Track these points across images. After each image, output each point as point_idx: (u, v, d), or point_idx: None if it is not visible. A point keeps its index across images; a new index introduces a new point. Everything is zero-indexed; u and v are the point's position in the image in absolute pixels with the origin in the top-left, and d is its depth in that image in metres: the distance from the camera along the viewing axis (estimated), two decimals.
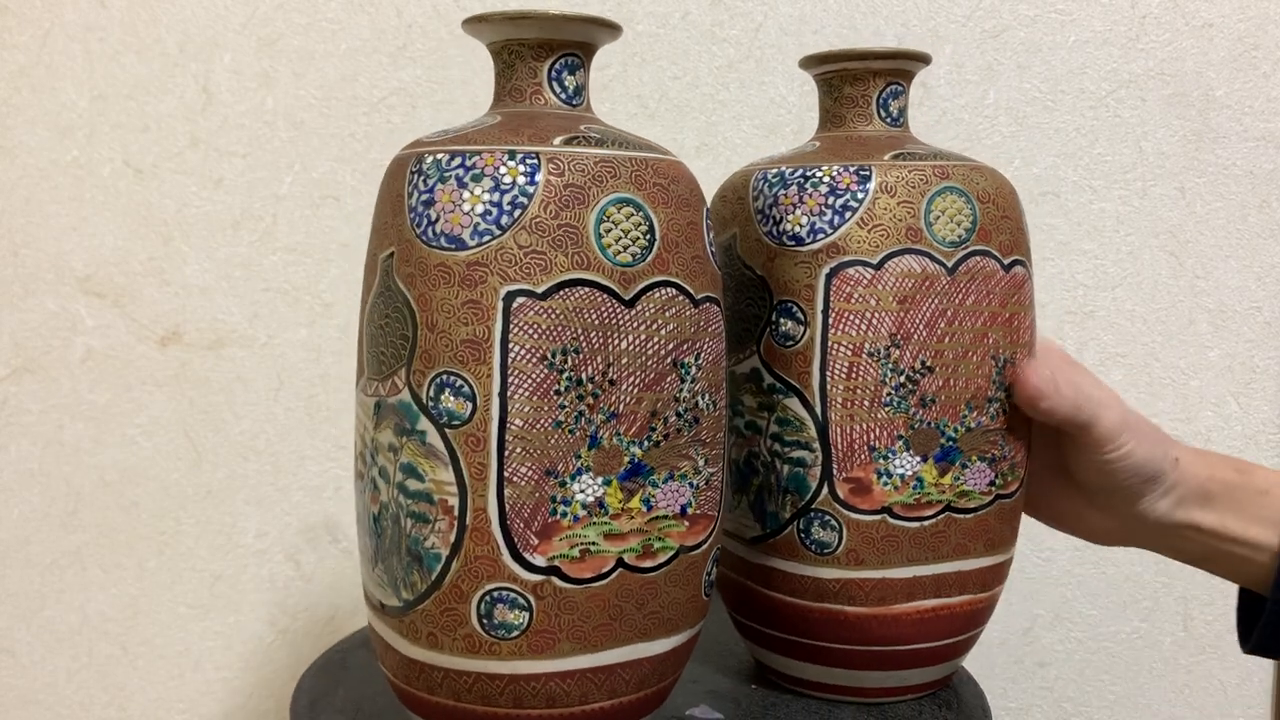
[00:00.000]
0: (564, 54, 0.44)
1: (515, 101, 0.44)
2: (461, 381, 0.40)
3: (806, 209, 0.48)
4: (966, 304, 0.48)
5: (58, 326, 0.71)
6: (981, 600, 0.51)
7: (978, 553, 0.50)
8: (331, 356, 0.74)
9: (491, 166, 0.40)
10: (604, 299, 0.40)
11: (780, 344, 0.49)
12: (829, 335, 0.48)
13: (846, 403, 0.48)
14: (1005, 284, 0.49)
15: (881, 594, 0.49)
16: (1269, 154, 0.80)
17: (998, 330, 0.49)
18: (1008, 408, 0.49)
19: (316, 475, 0.75)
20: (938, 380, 0.48)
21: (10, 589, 0.72)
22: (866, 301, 0.47)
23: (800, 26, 0.77)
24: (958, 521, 0.49)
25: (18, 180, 0.70)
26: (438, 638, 0.41)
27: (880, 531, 0.48)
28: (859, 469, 0.48)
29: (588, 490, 0.40)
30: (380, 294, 0.42)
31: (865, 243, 0.47)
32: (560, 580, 0.40)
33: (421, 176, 0.41)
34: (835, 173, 0.49)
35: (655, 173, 0.42)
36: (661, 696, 0.45)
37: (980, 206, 0.48)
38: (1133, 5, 0.79)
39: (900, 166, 0.48)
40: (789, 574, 0.50)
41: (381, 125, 0.73)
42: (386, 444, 0.42)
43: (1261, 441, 0.81)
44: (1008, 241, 0.49)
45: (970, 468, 0.49)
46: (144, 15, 0.70)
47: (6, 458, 0.71)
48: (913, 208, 0.48)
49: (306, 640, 0.76)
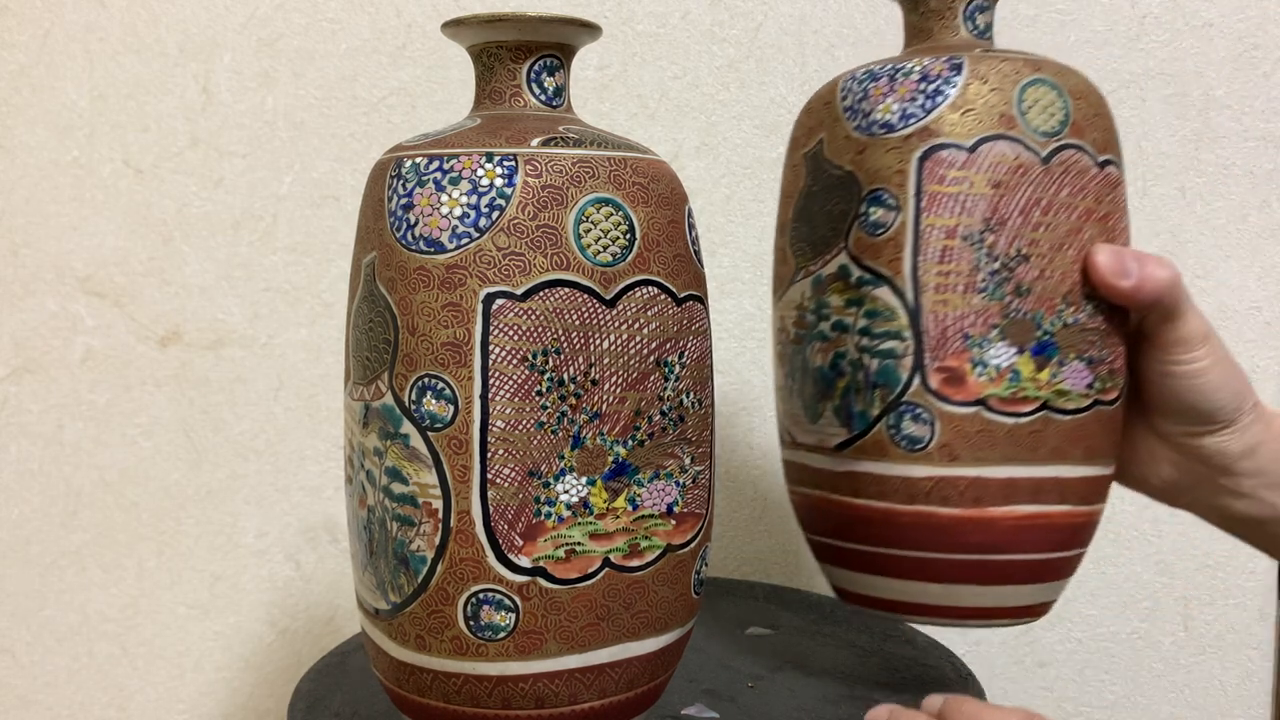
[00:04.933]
0: (542, 55, 0.44)
1: (495, 104, 0.45)
2: (443, 384, 0.40)
3: (898, 96, 0.48)
4: (1061, 195, 0.47)
5: (58, 326, 0.71)
6: (1081, 515, 0.49)
7: (1076, 459, 0.48)
8: (331, 356, 0.74)
9: (469, 169, 0.40)
10: (585, 299, 0.40)
11: (870, 234, 0.48)
12: (921, 219, 0.47)
13: (940, 288, 0.47)
14: (1100, 181, 0.48)
15: (977, 494, 0.47)
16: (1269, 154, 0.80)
17: (1093, 227, 0.48)
18: (1105, 309, 0.48)
19: (316, 475, 0.74)
20: (1033, 270, 0.47)
21: (10, 589, 0.72)
22: (961, 184, 0.47)
23: (800, 26, 0.77)
24: (1055, 422, 0.47)
25: (18, 180, 0.70)
26: (425, 640, 0.41)
27: (975, 425, 0.47)
28: (952, 358, 0.47)
29: (572, 491, 0.40)
30: (364, 298, 0.42)
31: (959, 126, 0.47)
32: (546, 581, 0.40)
33: (400, 181, 0.41)
34: (926, 64, 0.48)
35: (634, 172, 0.42)
36: (653, 696, 0.45)
37: (1073, 101, 0.48)
38: (1133, 5, 0.79)
39: (992, 57, 0.48)
40: (879, 476, 0.48)
41: (381, 125, 0.73)
42: (372, 448, 0.42)
43: None
44: (1101, 139, 0.48)
45: (1068, 365, 0.47)
46: (144, 15, 0.70)
47: (6, 458, 0.71)
48: (1005, 95, 0.47)
49: (306, 640, 0.76)
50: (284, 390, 0.74)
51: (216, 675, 0.75)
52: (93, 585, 0.73)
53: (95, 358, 0.72)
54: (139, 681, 0.74)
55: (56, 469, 0.72)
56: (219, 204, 0.72)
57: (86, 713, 0.74)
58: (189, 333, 0.72)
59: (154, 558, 0.74)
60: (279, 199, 0.73)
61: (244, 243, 0.72)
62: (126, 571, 0.73)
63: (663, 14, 0.75)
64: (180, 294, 0.72)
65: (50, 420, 0.72)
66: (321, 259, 0.73)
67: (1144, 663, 0.85)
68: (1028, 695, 0.85)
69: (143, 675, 0.74)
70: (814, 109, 0.52)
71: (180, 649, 0.74)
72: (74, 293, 0.71)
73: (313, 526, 0.75)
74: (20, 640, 0.73)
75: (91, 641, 0.74)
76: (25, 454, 0.72)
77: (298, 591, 0.75)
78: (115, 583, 0.73)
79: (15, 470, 0.72)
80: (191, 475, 0.73)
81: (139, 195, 0.71)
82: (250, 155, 0.72)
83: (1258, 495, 0.49)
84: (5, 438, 0.71)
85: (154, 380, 0.72)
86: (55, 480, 0.72)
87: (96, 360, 0.72)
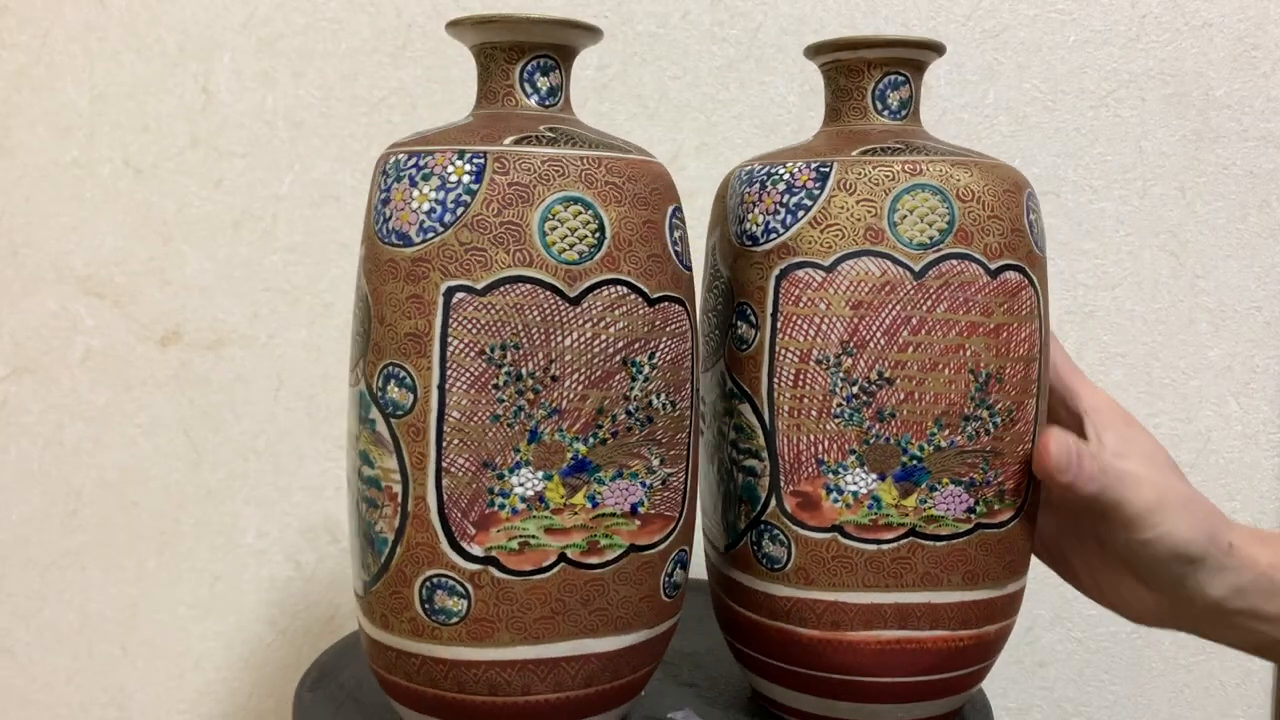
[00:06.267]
0: (536, 56, 0.44)
1: (489, 103, 0.45)
2: (405, 373, 0.41)
3: (763, 208, 0.46)
4: (938, 312, 0.44)
5: (58, 326, 0.71)
6: (964, 639, 0.46)
7: (954, 585, 0.45)
8: (331, 356, 0.74)
9: (440, 166, 0.41)
10: (546, 296, 0.40)
11: (737, 348, 0.47)
12: (776, 340, 0.45)
13: (793, 411, 0.45)
14: (991, 291, 0.44)
15: (835, 618, 0.45)
16: (1269, 154, 0.80)
17: (978, 342, 0.44)
18: (993, 428, 0.45)
19: (316, 475, 0.74)
20: (898, 393, 0.44)
21: (10, 589, 0.72)
22: (815, 305, 0.44)
23: (800, 26, 0.77)
24: (926, 548, 0.45)
25: (18, 180, 0.70)
26: (389, 619, 0.43)
27: (831, 551, 0.45)
28: (806, 482, 0.45)
29: (527, 484, 0.41)
30: (356, 289, 0.44)
31: (817, 243, 0.44)
32: (498, 571, 0.41)
33: (384, 176, 0.43)
34: (796, 170, 0.45)
35: (608, 171, 0.41)
36: (618, 695, 0.45)
37: (960, 206, 0.44)
38: (1133, 5, 0.79)
39: (865, 163, 0.44)
40: (746, 588, 0.48)
41: (381, 125, 0.73)
42: (353, 432, 0.44)
43: (1261, 441, 0.81)
44: (997, 244, 0.44)
45: (941, 490, 0.45)
46: (144, 15, 0.70)
47: (6, 458, 0.71)
48: (874, 206, 0.44)
49: (306, 640, 0.76)
50: (284, 390, 0.74)
51: (216, 675, 0.75)
52: (93, 585, 0.73)
53: (95, 358, 0.72)
54: (139, 681, 0.74)
55: (56, 469, 0.72)
56: (219, 204, 0.72)
57: (86, 713, 0.74)
58: (189, 333, 0.72)
59: (154, 558, 0.74)
60: (279, 199, 0.73)
61: (244, 243, 0.72)
62: (126, 571, 0.73)
63: (663, 14, 0.75)
64: (180, 294, 0.72)
65: (50, 420, 0.72)
66: (321, 259, 0.73)
67: (1144, 663, 0.85)
68: (1028, 695, 0.85)
69: (143, 675, 0.74)
70: (719, 197, 0.50)
71: (180, 649, 0.74)
72: (74, 293, 0.71)
73: (313, 526, 0.75)
74: (20, 640, 0.73)
75: (91, 641, 0.74)
76: (25, 454, 0.72)
77: (298, 591, 0.75)
78: (115, 583, 0.73)
79: (15, 470, 0.72)
80: (191, 475, 0.73)
81: (139, 195, 0.71)
82: (250, 155, 0.72)
83: (1260, 630, 0.47)
84: (5, 438, 0.71)
85: (154, 380, 0.72)
86: (55, 480, 0.72)
87: (96, 360, 0.72)
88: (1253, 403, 0.82)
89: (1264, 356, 0.81)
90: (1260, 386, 0.81)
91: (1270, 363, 0.82)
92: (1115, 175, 0.79)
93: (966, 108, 0.78)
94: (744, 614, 0.48)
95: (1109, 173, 0.79)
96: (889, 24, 0.77)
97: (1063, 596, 0.85)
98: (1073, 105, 0.78)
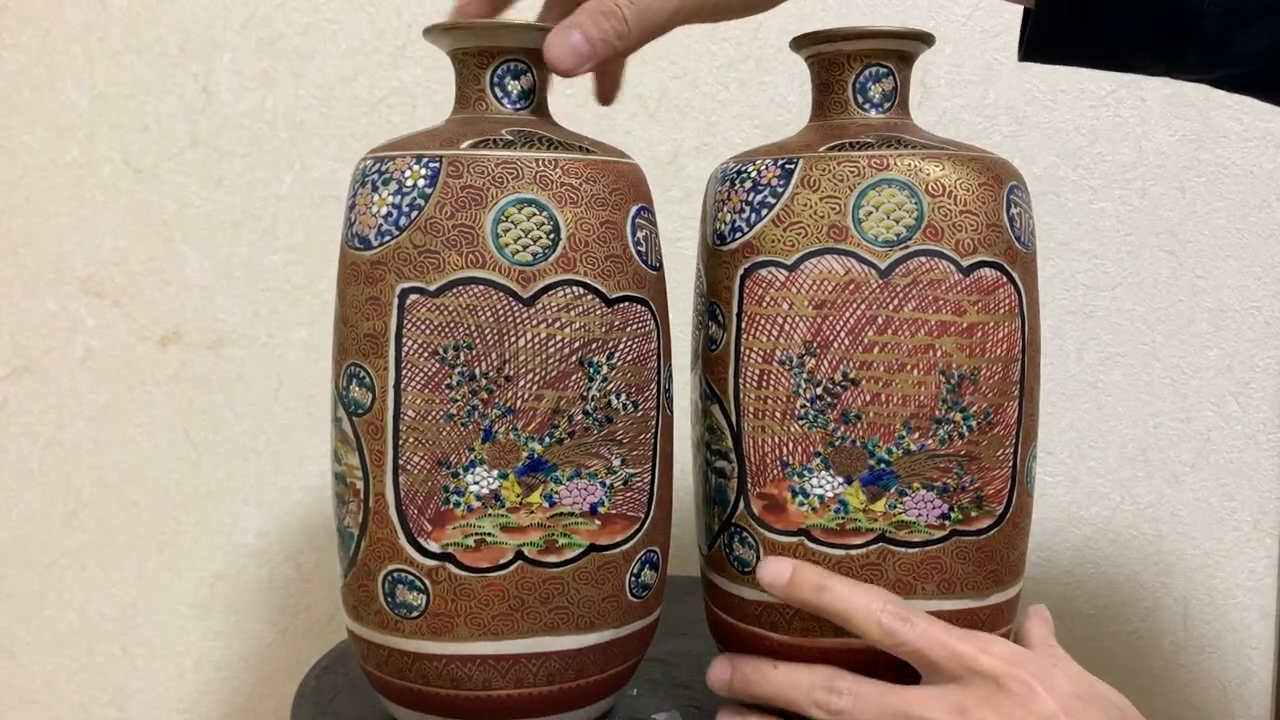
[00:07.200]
0: (505, 60, 0.44)
1: (463, 108, 0.46)
2: (364, 373, 0.42)
3: (731, 206, 0.45)
4: (905, 311, 0.42)
5: (58, 326, 0.71)
6: None
7: (928, 594, 0.44)
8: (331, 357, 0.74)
9: (399, 170, 0.41)
10: (499, 297, 0.41)
11: (708, 348, 0.46)
12: (741, 340, 0.44)
13: (758, 413, 0.44)
14: (964, 288, 0.43)
15: (804, 624, 0.44)
16: (1269, 154, 0.80)
17: (949, 342, 0.42)
18: (968, 431, 0.43)
19: (317, 475, 0.74)
20: (863, 394, 0.43)
21: (10, 589, 0.72)
22: (779, 305, 0.43)
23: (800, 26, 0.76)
24: (897, 555, 0.43)
25: (18, 180, 0.70)
26: (359, 611, 0.44)
27: (798, 555, 0.44)
28: (772, 485, 0.44)
29: (482, 482, 0.41)
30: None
31: (780, 241, 0.43)
32: (455, 567, 0.42)
33: (354, 182, 0.44)
34: (763, 167, 0.44)
35: (564, 172, 0.42)
36: (584, 694, 0.45)
37: (930, 201, 0.42)
38: None
39: (831, 158, 0.43)
40: (723, 590, 0.47)
41: (381, 125, 0.73)
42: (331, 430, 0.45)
43: (1261, 441, 0.81)
44: (970, 240, 0.42)
45: (911, 496, 0.43)
46: (144, 15, 0.70)
47: (6, 458, 0.71)
48: (838, 203, 0.43)
49: (306, 640, 0.76)
50: (284, 390, 0.74)
51: (216, 675, 0.75)
52: (93, 585, 0.73)
53: (95, 358, 0.72)
54: (139, 681, 0.74)
55: (56, 469, 0.72)
56: (219, 204, 0.72)
57: (86, 713, 0.74)
58: (189, 333, 0.72)
59: (154, 558, 0.74)
60: (279, 199, 0.73)
61: (244, 243, 0.72)
62: (126, 571, 0.73)
63: None
64: (180, 294, 0.72)
65: (50, 420, 0.72)
66: (321, 259, 0.73)
67: (1144, 663, 0.85)
68: None
69: (143, 675, 0.74)
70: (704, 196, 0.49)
71: (180, 649, 0.74)
72: (74, 293, 0.71)
73: (313, 526, 0.75)
74: (20, 640, 0.73)
75: (91, 641, 0.74)
76: (25, 454, 0.72)
77: (298, 591, 0.75)
78: (115, 583, 0.73)
79: (15, 470, 0.72)
80: (191, 475, 0.73)
81: (139, 195, 0.71)
82: (250, 155, 0.72)
83: None
84: (5, 438, 0.71)
85: (154, 380, 0.72)
86: (55, 480, 0.72)
87: (96, 360, 0.72)
88: (1253, 403, 0.81)
89: (1264, 356, 0.81)
90: (1260, 386, 0.81)
91: (1270, 363, 0.82)
92: (1115, 175, 0.79)
93: (966, 108, 0.78)
94: (723, 617, 0.48)
95: (1109, 172, 0.79)
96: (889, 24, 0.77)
97: (1063, 596, 0.85)
98: (1073, 105, 0.78)
